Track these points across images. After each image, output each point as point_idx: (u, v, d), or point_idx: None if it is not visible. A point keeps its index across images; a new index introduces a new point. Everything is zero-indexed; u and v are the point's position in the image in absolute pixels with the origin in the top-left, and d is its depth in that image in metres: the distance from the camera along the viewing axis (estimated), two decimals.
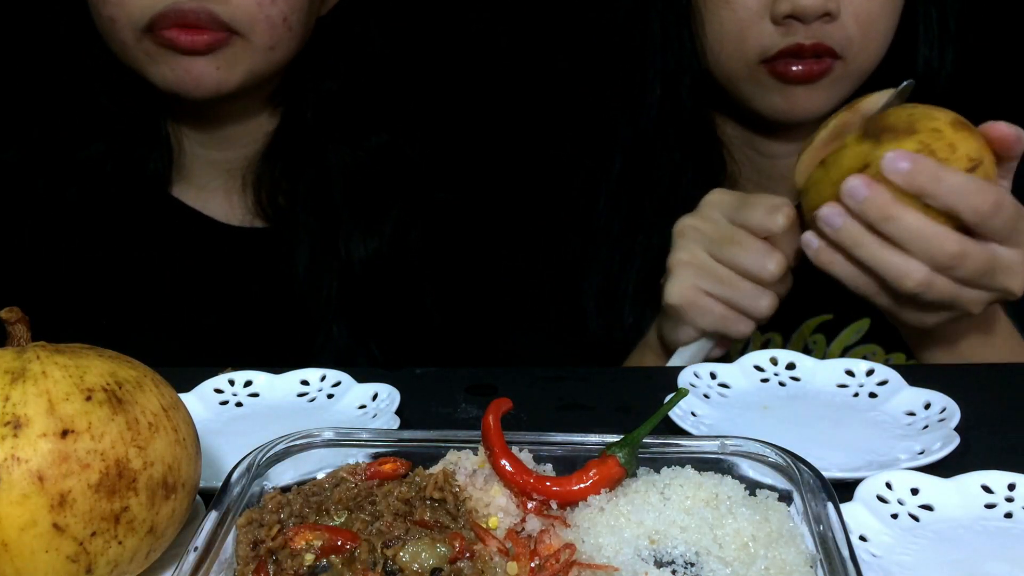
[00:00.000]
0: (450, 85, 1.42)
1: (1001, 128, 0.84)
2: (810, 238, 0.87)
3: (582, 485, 0.58)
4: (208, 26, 1.03)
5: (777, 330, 1.14)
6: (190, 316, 1.14)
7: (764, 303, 0.91)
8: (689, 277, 0.92)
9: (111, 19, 1.05)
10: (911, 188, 0.81)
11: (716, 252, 0.92)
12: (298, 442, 0.62)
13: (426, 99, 1.31)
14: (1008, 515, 0.64)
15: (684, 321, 0.93)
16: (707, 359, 0.95)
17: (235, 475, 0.59)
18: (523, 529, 0.57)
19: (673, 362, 0.96)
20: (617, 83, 1.16)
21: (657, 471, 0.61)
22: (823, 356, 1.11)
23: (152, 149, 1.15)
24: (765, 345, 1.13)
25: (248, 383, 0.85)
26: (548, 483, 0.58)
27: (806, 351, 1.13)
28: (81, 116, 1.15)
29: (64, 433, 0.53)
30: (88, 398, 0.54)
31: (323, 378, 0.85)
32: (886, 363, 1.11)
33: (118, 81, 1.13)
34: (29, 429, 0.53)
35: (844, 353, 1.12)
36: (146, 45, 1.05)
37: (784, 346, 1.13)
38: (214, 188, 1.19)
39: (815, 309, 1.13)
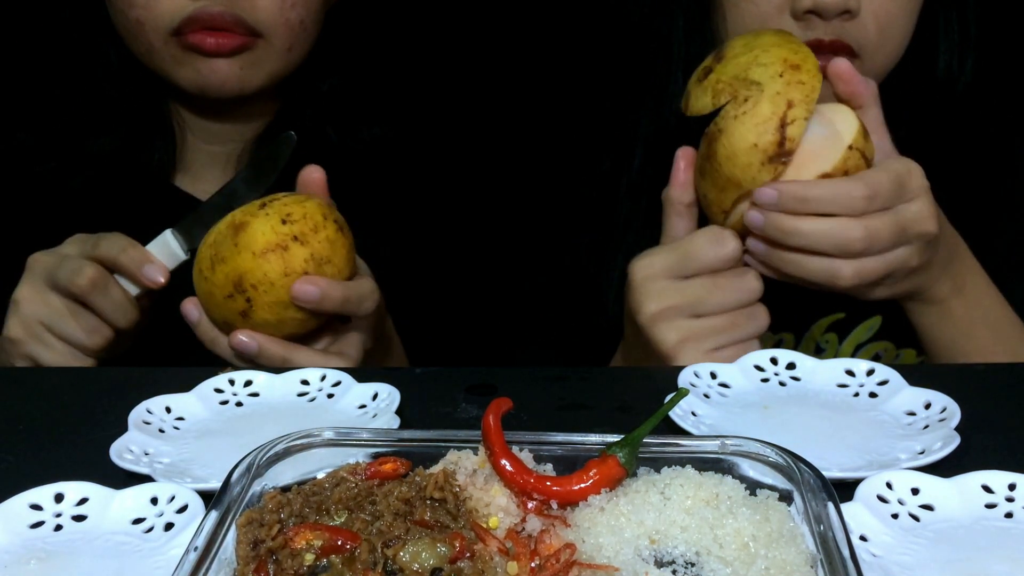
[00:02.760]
0: (470, 79, 1.43)
1: (839, 65, 0.90)
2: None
3: (582, 485, 0.58)
4: (234, 29, 1.06)
5: (789, 330, 1.14)
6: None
7: (762, 319, 0.92)
8: (668, 317, 0.91)
9: (138, 21, 1.07)
10: (785, 211, 0.86)
11: (698, 310, 0.91)
12: (298, 442, 0.62)
13: (443, 94, 1.33)
14: (1008, 515, 0.63)
15: (689, 357, 0.92)
16: None
17: (235, 475, 0.59)
18: (523, 529, 0.57)
19: None
20: (641, 75, 1.17)
21: (657, 471, 0.61)
22: (835, 354, 1.12)
23: (157, 139, 1.18)
24: (777, 345, 1.13)
25: (248, 383, 0.85)
26: (548, 483, 0.58)
27: (818, 351, 1.13)
28: (91, 107, 1.17)
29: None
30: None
31: (323, 378, 0.85)
32: (896, 359, 1.12)
33: (125, 73, 1.15)
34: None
35: (856, 351, 1.13)
36: (172, 49, 1.08)
37: (796, 346, 1.13)
38: (211, 178, 1.21)
39: (826, 308, 1.13)
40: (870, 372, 0.83)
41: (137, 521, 0.64)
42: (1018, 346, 1.01)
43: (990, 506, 0.64)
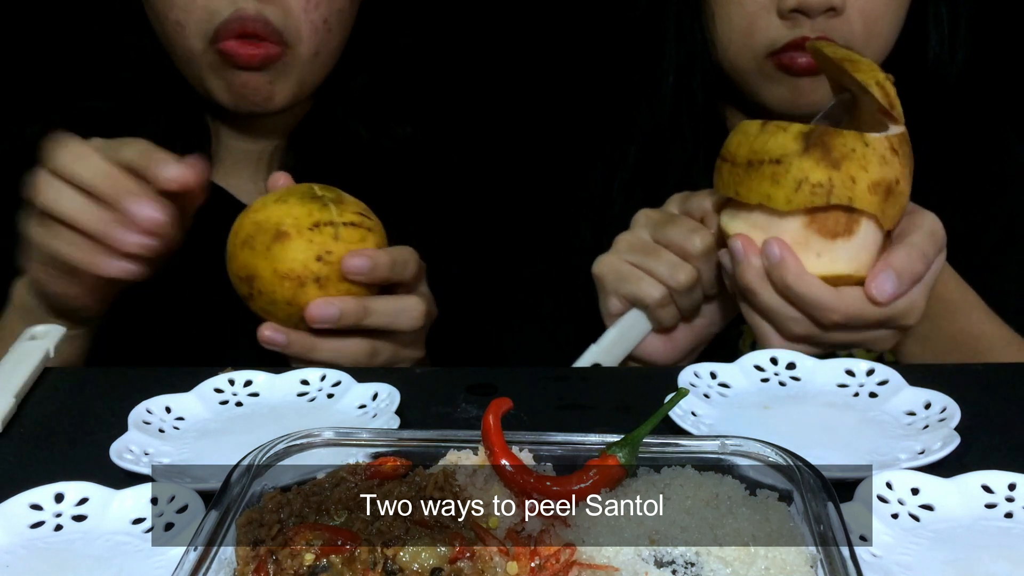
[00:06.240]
0: (467, 79, 1.44)
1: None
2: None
3: (582, 485, 0.58)
4: (265, 35, 1.07)
5: None
6: (217, 301, 1.15)
7: (681, 275, 0.95)
8: (619, 250, 0.99)
9: (178, 23, 1.08)
10: (771, 276, 0.87)
11: (637, 260, 0.98)
12: (298, 442, 0.62)
13: (447, 93, 1.33)
14: (1008, 515, 0.64)
15: (605, 289, 0.99)
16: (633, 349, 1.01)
17: (235, 475, 0.59)
18: (523, 529, 0.57)
19: (604, 340, 1.01)
20: (634, 76, 1.19)
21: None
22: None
23: (191, 134, 1.19)
24: None
25: (248, 383, 0.85)
26: (548, 483, 0.58)
27: None
28: (127, 100, 1.18)
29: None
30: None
31: (323, 378, 0.85)
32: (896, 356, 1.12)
33: (161, 69, 1.16)
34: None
35: None
36: (210, 56, 1.09)
37: None
38: (245, 174, 1.22)
39: None
40: (870, 372, 0.83)
41: (137, 521, 0.64)
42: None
43: (990, 506, 0.64)
